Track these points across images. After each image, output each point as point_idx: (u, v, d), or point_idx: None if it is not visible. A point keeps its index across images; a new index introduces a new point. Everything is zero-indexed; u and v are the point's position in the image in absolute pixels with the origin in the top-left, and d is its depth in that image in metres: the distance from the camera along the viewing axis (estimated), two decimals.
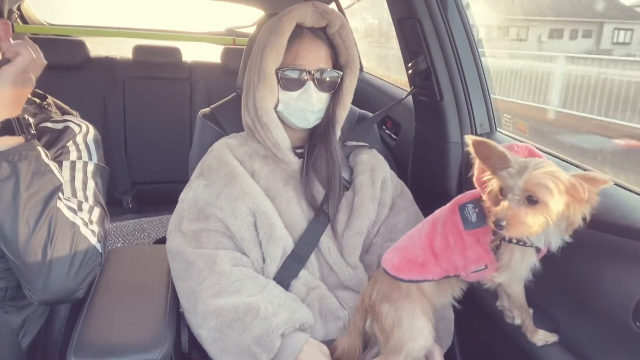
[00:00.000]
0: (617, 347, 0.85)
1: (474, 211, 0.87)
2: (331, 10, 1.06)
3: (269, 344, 0.85)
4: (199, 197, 1.02)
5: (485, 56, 1.36)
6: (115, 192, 2.51)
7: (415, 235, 0.93)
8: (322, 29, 1.06)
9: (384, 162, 1.17)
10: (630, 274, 0.83)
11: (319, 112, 1.07)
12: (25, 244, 0.86)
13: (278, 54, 1.01)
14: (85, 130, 1.09)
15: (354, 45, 1.09)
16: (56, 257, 0.88)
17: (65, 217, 0.90)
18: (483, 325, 1.14)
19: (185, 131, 2.56)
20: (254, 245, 0.99)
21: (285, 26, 1.01)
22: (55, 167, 0.93)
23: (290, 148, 1.08)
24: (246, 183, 1.01)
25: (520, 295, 0.90)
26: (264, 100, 1.03)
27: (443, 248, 0.88)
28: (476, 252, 0.86)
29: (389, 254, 0.94)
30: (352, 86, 1.10)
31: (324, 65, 1.05)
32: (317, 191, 1.07)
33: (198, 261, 0.96)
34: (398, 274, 0.89)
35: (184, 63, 2.62)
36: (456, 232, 0.87)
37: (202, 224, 0.99)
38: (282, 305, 0.91)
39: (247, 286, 0.93)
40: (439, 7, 1.27)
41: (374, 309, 0.91)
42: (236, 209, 0.98)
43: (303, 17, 1.02)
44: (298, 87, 1.03)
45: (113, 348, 0.88)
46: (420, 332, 0.88)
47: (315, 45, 1.04)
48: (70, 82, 2.36)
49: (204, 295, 0.92)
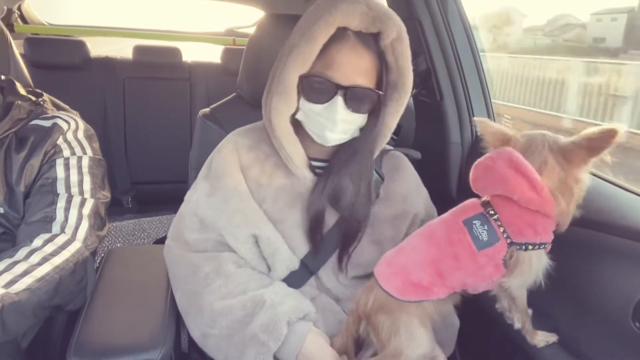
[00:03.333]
0: (616, 348, 0.85)
1: (483, 228, 0.82)
2: (388, 14, 0.85)
3: (276, 332, 0.84)
4: (201, 207, 0.96)
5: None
6: (115, 192, 2.50)
7: (416, 256, 0.86)
8: (372, 35, 0.86)
9: (418, 188, 1.04)
10: (630, 274, 0.83)
11: (342, 133, 0.89)
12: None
13: (305, 63, 0.85)
14: (74, 127, 1.09)
15: (410, 65, 0.89)
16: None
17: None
18: (483, 327, 1.14)
19: (186, 131, 2.56)
20: (258, 264, 0.96)
21: (321, 31, 0.83)
22: None
23: (305, 164, 0.93)
24: (249, 208, 0.92)
25: (524, 297, 0.88)
26: (279, 114, 0.89)
27: (450, 270, 0.83)
28: (489, 269, 0.83)
29: (384, 268, 0.87)
30: (397, 114, 0.91)
31: (361, 82, 0.86)
32: (328, 216, 0.93)
33: (203, 265, 0.93)
34: (403, 298, 0.84)
35: (184, 63, 2.62)
36: (469, 254, 0.82)
37: (204, 234, 0.96)
38: (287, 295, 0.90)
39: (252, 284, 0.92)
40: (439, 7, 1.27)
41: (370, 319, 0.88)
42: (236, 234, 0.93)
43: (348, 20, 0.83)
44: (323, 101, 0.86)
45: (113, 348, 0.88)
46: (419, 342, 0.85)
47: (355, 55, 0.85)
48: (71, 82, 2.36)
49: (210, 298, 0.90)
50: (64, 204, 1.01)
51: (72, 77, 2.40)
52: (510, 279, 0.83)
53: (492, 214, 0.82)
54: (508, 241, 0.81)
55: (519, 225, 0.81)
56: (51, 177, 1.02)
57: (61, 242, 0.97)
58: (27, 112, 1.05)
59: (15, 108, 1.04)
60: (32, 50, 2.32)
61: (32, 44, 2.35)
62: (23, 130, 1.04)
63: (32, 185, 1.02)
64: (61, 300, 0.95)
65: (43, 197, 1.01)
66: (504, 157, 0.81)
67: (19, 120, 1.04)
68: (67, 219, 1.00)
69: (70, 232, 0.99)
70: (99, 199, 1.07)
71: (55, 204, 1.00)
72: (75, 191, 1.03)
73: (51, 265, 0.92)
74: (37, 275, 0.90)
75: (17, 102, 1.05)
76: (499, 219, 0.82)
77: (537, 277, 0.83)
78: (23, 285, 0.87)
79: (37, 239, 0.96)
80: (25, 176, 1.01)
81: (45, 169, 1.03)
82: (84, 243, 0.99)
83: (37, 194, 1.02)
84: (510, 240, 0.81)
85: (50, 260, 0.93)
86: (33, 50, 2.33)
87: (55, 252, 0.95)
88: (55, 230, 0.98)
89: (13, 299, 0.84)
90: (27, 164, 1.01)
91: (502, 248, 0.81)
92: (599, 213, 0.92)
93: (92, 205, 1.04)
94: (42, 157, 1.03)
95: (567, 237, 0.86)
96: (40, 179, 1.02)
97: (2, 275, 0.88)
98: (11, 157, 1.02)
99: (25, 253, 0.93)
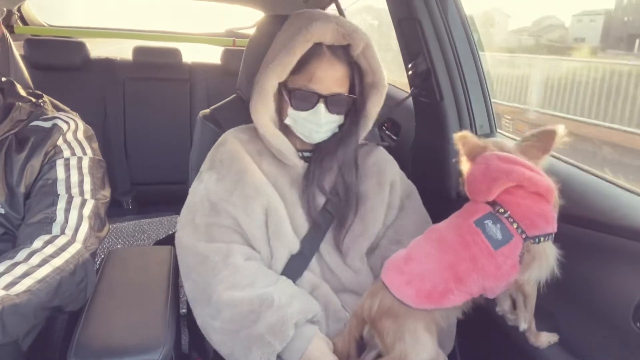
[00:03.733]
0: (617, 348, 0.85)
1: (496, 227, 0.83)
2: (354, 30, 1.00)
3: (282, 333, 0.86)
4: (212, 191, 1.01)
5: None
6: (115, 193, 2.51)
7: (430, 262, 0.86)
8: (343, 48, 1.01)
9: (393, 163, 1.15)
10: (630, 275, 0.84)
11: (327, 132, 1.04)
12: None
13: (283, 71, 0.99)
14: (74, 127, 1.09)
15: (380, 65, 1.05)
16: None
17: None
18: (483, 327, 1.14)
19: (185, 132, 2.56)
20: (264, 244, 1.00)
21: (300, 45, 0.97)
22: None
23: (294, 153, 1.06)
24: (259, 180, 1.01)
25: (535, 294, 0.88)
26: (258, 113, 1.02)
27: (468, 273, 0.83)
28: (506, 268, 0.83)
29: (395, 278, 0.87)
30: (377, 107, 1.06)
31: (339, 90, 1.00)
32: (319, 198, 1.05)
33: (212, 255, 0.96)
34: (418, 306, 0.84)
35: (184, 64, 2.62)
36: (487, 255, 0.82)
37: (215, 218, 1.00)
38: (294, 296, 0.92)
39: (260, 279, 0.94)
40: (438, 8, 1.27)
41: (375, 324, 0.88)
42: (248, 206, 0.98)
43: (322, 37, 0.98)
44: (308, 108, 1.00)
45: (113, 349, 0.88)
46: (423, 348, 0.85)
47: (332, 69, 0.99)
48: (70, 84, 2.36)
49: (219, 288, 0.92)
50: (64, 205, 1.01)
51: (72, 78, 2.40)
52: (526, 275, 0.83)
53: (502, 212, 0.83)
54: (523, 236, 0.82)
55: (530, 218, 0.82)
56: (51, 178, 1.02)
57: (61, 243, 0.97)
58: (27, 114, 1.05)
59: (15, 109, 1.04)
60: (32, 52, 2.32)
61: (32, 45, 2.35)
62: (23, 131, 1.04)
63: (33, 186, 1.02)
64: (61, 301, 0.95)
65: (43, 198, 1.01)
66: (492, 158, 0.85)
67: (19, 122, 1.04)
68: (67, 220, 1.00)
69: (70, 234, 0.99)
70: (99, 200, 1.07)
71: (56, 205, 1.00)
72: (76, 192, 1.03)
73: (51, 266, 0.92)
74: (37, 277, 0.90)
75: (17, 103, 1.05)
76: (510, 215, 0.83)
77: (551, 270, 0.84)
78: (23, 287, 0.87)
79: (37, 241, 0.96)
80: (25, 177, 1.01)
81: (45, 169, 1.03)
82: (84, 244, 0.99)
83: (37, 194, 1.02)
84: (525, 235, 0.82)
85: (50, 261, 0.93)
86: (33, 52, 2.33)
87: (55, 253, 0.95)
88: (56, 231, 0.98)
89: (13, 301, 0.84)
90: (28, 164, 1.02)
91: (518, 244, 0.82)
92: (599, 213, 0.92)
93: (93, 206, 1.05)
94: (42, 158, 1.03)
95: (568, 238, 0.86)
96: (40, 179, 1.02)
97: (2, 277, 0.88)
98: (11, 158, 1.02)
99: (26, 254, 0.93)
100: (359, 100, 1.05)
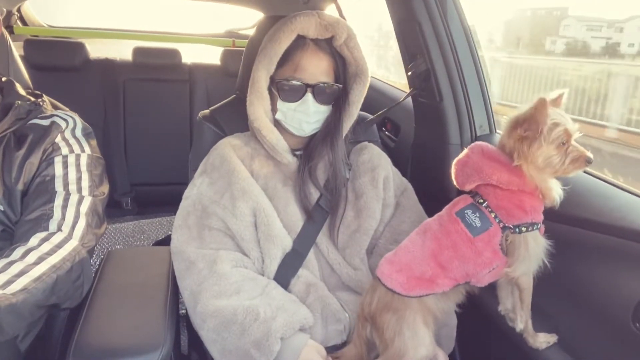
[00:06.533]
0: (616, 348, 0.85)
1: (475, 216, 0.88)
2: (336, 21, 1.04)
3: (268, 348, 0.86)
4: (204, 195, 1.04)
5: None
6: (114, 194, 2.51)
7: (416, 251, 0.91)
8: (326, 41, 1.05)
9: (386, 160, 1.16)
10: (629, 275, 0.84)
11: (316, 123, 1.08)
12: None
13: (271, 62, 1.02)
14: (72, 125, 1.09)
15: (363, 56, 1.08)
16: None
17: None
18: (483, 328, 1.14)
19: (185, 133, 2.56)
20: (254, 246, 1.00)
21: (285, 36, 1.01)
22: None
23: (287, 150, 1.08)
24: (246, 182, 1.02)
25: (531, 289, 0.90)
26: (252, 106, 1.04)
27: (450, 260, 0.88)
28: (487, 255, 0.86)
29: (386, 268, 0.91)
30: (360, 97, 1.09)
31: (324, 79, 1.04)
32: (313, 192, 1.07)
33: (199, 261, 0.97)
34: (409, 293, 0.88)
35: (184, 65, 2.62)
36: (466, 241, 0.87)
37: (206, 221, 1.01)
38: (280, 308, 0.91)
39: (246, 287, 0.94)
40: (438, 9, 1.27)
41: (374, 319, 0.90)
42: (236, 208, 0.99)
43: (306, 30, 1.02)
44: (297, 99, 1.04)
45: (113, 350, 0.88)
46: (421, 342, 0.88)
47: (316, 59, 1.04)
48: (70, 84, 2.36)
49: (203, 297, 0.93)
50: (62, 201, 1.01)
51: (72, 78, 2.40)
52: (514, 267, 0.86)
53: (481, 202, 0.88)
54: (501, 225, 0.86)
55: (507, 208, 0.86)
56: (49, 175, 1.02)
57: (57, 240, 0.96)
58: (26, 112, 1.06)
59: (15, 108, 1.04)
60: (31, 52, 2.32)
61: (31, 46, 2.35)
62: (21, 128, 1.04)
63: (31, 183, 1.02)
64: (58, 299, 0.94)
65: (41, 194, 1.01)
66: (476, 150, 0.90)
67: (18, 120, 1.04)
68: (64, 216, 0.99)
69: (67, 230, 0.98)
70: (97, 197, 1.07)
71: (53, 201, 1.00)
72: (74, 189, 1.03)
73: (48, 264, 0.92)
74: (34, 275, 0.89)
75: (17, 102, 1.05)
76: (488, 205, 0.87)
77: (540, 261, 0.86)
78: (19, 286, 0.87)
79: (33, 238, 0.95)
80: (24, 174, 1.01)
81: (43, 166, 1.03)
82: (80, 241, 0.99)
83: (34, 191, 1.02)
84: (503, 224, 0.86)
85: (46, 259, 0.92)
86: (32, 52, 2.33)
87: (51, 251, 0.94)
88: (52, 228, 0.98)
89: (10, 300, 0.84)
90: (27, 162, 1.02)
91: (497, 232, 0.86)
92: (599, 214, 0.92)
93: (90, 203, 1.04)
94: (41, 155, 1.03)
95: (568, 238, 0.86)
96: (38, 176, 1.02)
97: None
98: (10, 156, 1.02)
99: (21, 253, 0.92)
100: (343, 90, 1.08)
